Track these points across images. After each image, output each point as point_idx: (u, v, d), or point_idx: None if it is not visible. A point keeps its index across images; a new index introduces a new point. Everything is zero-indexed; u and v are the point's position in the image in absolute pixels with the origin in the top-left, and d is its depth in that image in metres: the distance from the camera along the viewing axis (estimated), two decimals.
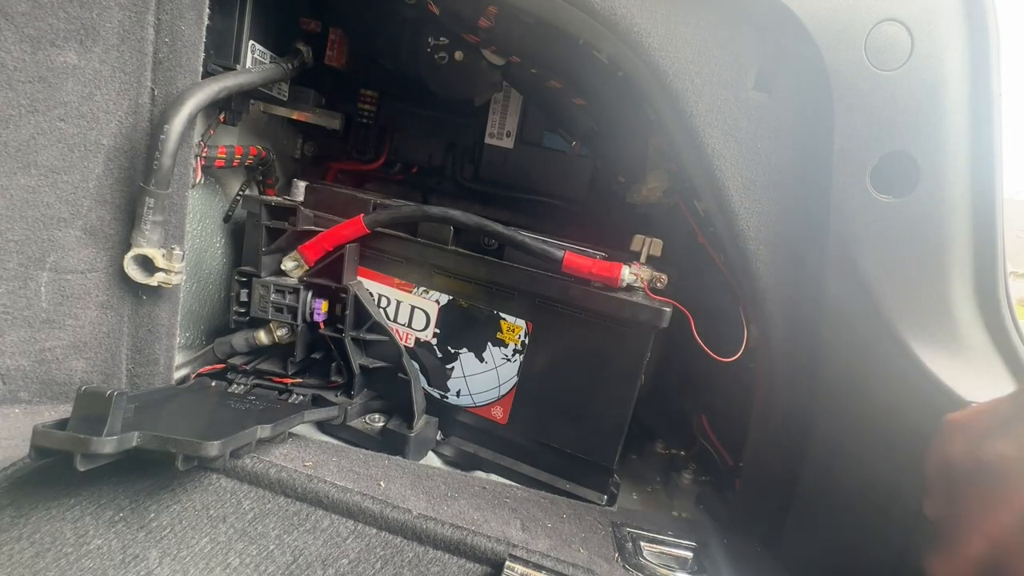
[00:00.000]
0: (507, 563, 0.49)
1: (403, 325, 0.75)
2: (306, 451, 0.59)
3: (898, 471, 0.54)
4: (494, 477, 0.72)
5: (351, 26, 0.82)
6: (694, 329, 0.63)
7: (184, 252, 0.61)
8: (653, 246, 0.67)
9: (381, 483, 0.57)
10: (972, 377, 0.53)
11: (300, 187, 0.76)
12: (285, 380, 0.72)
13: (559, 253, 0.64)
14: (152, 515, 0.49)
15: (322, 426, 0.73)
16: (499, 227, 0.67)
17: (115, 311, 0.61)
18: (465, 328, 0.72)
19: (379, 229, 0.71)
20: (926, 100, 0.53)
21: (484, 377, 0.72)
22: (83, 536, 0.45)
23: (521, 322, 0.69)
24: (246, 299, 0.72)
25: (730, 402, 0.73)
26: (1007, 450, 0.36)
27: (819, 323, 0.57)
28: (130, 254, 0.58)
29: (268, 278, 0.71)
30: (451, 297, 0.72)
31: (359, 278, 0.74)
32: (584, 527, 0.60)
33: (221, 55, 0.67)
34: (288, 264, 0.71)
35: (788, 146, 0.56)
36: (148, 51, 0.57)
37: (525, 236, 0.66)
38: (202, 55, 0.59)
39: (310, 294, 0.71)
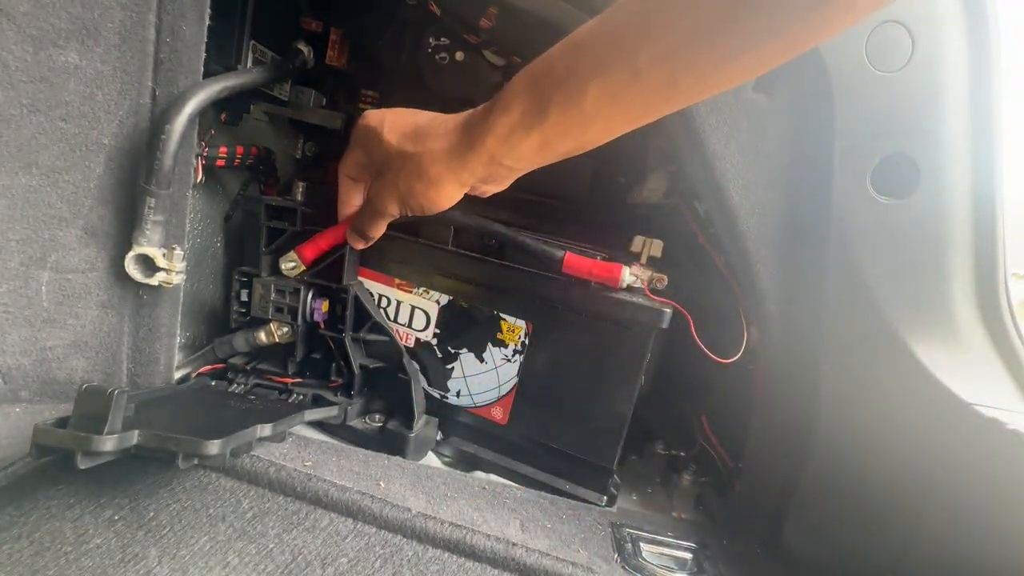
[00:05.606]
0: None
1: (403, 325, 0.75)
2: (306, 450, 0.60)
3: (898, 472, 0.54)
4: (494, 477, 0.72)
5: (352, 26, 0.82)
6: (694, 330, 0.63)
7: (185, 252, 0.61)
8: (653, 247, 0.67)
9: (381, 483, 0.57)
10: (972, 378, 0.53)
11: (300, 187, 0.76)
12: (285, 380, 0.72)
13: (559, 253, 0.64)
14: (151, 514, 0.49)
15: (322, 426, 0.73)
16: (499, 227, 0.67)
17: (116, 310, 0.61)
18: (465, 328, 0.72)
19: None
20: (927, 101, 0.53)
21: (484, 377, 0.72)
22: (83, 535, 0.46)
23: (521, 323, 0.69)
24: (246, 299, 0.72)
25: (730, 403, 0.73)
26: None
27: (819, 324, 0.57)
28: (131, 254, 0.58)
29: (268, 278, 0.71)
30: (451, 297, 0.72)
31: (360, 278, 0.74)
32: (583, 527, 0.60)
33: (222, 55, 0.67)
34: (286, 264, 0.71)
35: (788, 147, 0.56)
36: (149, 51, 0.57)
37: (525, 236, 0.66)
38: (203, 55, 0.59)
39: (310, 294, 0.71)
